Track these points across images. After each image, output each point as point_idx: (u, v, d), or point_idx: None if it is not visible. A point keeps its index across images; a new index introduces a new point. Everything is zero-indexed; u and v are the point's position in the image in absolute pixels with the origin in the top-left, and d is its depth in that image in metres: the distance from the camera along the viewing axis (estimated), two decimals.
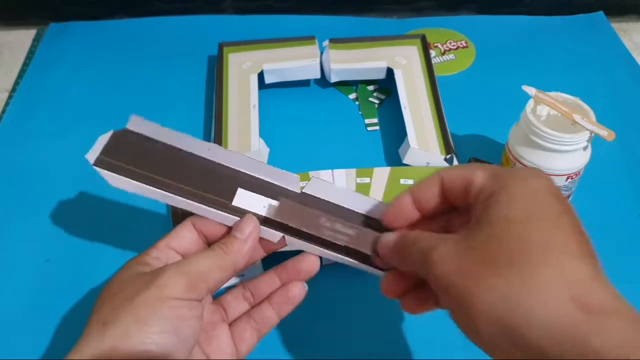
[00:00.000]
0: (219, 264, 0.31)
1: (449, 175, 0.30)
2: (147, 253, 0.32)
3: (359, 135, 0.57)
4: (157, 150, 0.35)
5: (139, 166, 0.34)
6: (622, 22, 0.72)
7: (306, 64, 0.58)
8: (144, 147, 0.35)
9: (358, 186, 0.49)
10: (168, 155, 0.35)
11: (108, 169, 0.33)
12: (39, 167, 0.53)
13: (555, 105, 0.44)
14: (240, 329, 0.34)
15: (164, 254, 0.32)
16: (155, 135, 0.35)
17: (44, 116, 0.58)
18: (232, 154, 0.35)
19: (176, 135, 0.35)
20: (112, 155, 0.34)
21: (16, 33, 0.71)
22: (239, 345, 0.34)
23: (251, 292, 0.35)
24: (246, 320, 0.35)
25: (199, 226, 0.33)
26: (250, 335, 0.34)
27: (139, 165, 0.34)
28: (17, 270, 0.45)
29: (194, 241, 0.33)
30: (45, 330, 0.42)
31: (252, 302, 0.35)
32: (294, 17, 0.71)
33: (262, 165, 0.35)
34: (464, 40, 0.67)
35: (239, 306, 0.35)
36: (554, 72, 0.63)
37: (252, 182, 0.35)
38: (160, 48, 0.67)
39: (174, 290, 0.29)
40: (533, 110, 0.44)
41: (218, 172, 0.35)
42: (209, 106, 0.59)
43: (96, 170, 0.33)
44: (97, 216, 0.48)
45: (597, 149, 0.45)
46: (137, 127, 0.36)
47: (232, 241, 0.32)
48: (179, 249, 0.33)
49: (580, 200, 0.49)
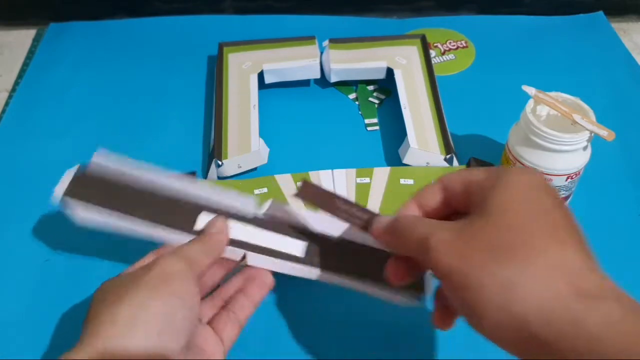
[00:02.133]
0: (205, 250, 0.34)
1: (450, 179, 0.31)
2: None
3: (359, 135, 0.57)
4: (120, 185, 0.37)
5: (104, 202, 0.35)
6: (622, 22, 0.72)
7: (306, 64, 0.58)
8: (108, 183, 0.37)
9: (358, 186, 0.49)
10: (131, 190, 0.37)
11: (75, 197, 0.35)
12: (39, 167, 0.53)
13: (555, 105, 0.44)
14: (221, 322, 0.35)
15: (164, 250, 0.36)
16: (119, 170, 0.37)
17: (44, 116, 0.58)
18: (193, 183, 0.38)
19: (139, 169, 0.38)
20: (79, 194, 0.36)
21: (16, 33, 0.71)
22: (222, 336, 0.35)
23: (221, 298, 0.37)
24: (225, 314, 0.36)
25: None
26: (232, 326, 0.35)
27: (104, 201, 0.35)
28: (17, 270, 0.45)
29: None
30: (45, 330, 0.42)
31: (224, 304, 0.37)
32: (294, 17, 0.71)
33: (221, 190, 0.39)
34: (464, 40, 0.67)
35: (213, 310, 0.37)
36: (554, 72, 0.63)
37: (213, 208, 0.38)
38: (160, 48, 0.67)
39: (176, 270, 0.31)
40: (533, 110, 0.44)
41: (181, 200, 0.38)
42: (209, 106, 0.59)
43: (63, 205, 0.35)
44: None
45: (597, 149, 0.45)
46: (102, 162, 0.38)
47: (211, 234, 0.36)
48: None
49: (580, 200, 0.49)
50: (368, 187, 0.49)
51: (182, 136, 0.56)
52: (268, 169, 0.52)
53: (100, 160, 0.38)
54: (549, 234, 0.25)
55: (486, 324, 0.25)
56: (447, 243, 0.27)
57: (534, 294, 0.24)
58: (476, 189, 0.29)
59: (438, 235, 0.27)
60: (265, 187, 0.49)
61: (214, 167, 0.50)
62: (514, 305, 0.24)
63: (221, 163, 0.50)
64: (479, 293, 0.25)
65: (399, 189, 0.49)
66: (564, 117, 0.43)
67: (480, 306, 0.25)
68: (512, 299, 0.24)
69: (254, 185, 0.49)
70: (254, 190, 0.49)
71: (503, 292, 0.24)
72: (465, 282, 0.25)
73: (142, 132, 0.57)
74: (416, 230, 0.29)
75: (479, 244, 0.26)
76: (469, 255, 0.26)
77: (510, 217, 0.26)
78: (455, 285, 0.26)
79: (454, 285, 0.26)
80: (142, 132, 0.57)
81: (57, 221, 0.49)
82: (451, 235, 0.27)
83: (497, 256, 0.25)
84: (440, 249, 0.27)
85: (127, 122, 0.58)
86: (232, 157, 0.51)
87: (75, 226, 0.48)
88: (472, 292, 0.25)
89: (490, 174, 0.29)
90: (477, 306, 0.25)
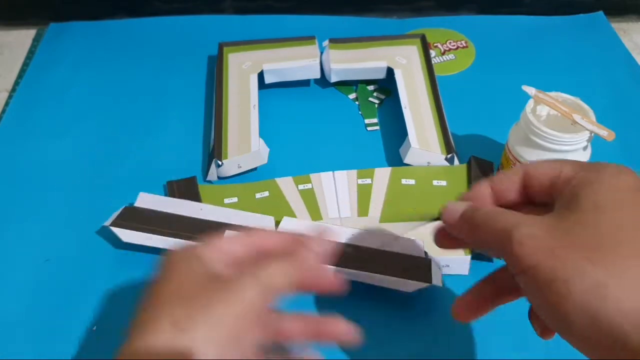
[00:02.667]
0: (290, 279, 0.29)
1: (536, 168, 0.29)
2: (202, 249, 0.29)
3: (359, 135, 0.57)
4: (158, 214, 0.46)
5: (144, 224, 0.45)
6: (622, 22, 0.72)
7: (306, 64, 0.58)
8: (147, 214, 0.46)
9: (359, 187, 0.49)
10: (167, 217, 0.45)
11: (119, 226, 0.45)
12: (39, 167, 0.53)
13: (555, 105, 0.44)
14: None
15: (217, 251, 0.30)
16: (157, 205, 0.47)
17: (44, 116, 0.58)
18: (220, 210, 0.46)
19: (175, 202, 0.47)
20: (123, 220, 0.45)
21: (16, 33, 0.71)
22: None
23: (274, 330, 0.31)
24: None
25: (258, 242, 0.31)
26: None
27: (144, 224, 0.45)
28: (17, 270, 0.45)
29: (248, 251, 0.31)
30: (45, 330, 0.42)
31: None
32: (294, 17, 0.71)
33: (243, 214, 0.46)
34: (464, 40, 0.67)
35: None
36: (554, 72, 0.63)
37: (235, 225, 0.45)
38: (160, 48, 0.67)
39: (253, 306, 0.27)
40: (533, 110, 0.44)
41: (208, 223, 0.45)
42: (209, 106, 0.59)
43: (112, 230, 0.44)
44: (97, 216, 0.48)
45: (597, 149, 0.45)
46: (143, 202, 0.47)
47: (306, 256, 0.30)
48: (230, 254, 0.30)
49: None
50: (370, 188, 0.49)
51: (182, 136, 0.56)
52: (268, 169, 0.52)
53: (143, 199, 0.47)
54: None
55: (572, 324, 0.23)
56: (534, 237, 0.25)
57: (631, 300, 0.22)
58: (566, 184, 0.27)
59: (523, 229, 0.26)
60: (267, 190, 0.49)
61: (214, 167, 0.50)
62: (606, 308, 0.23)
63: (221, 163, 0.50)
64: (566, 290, 0.23)
65: (400, 189, 0.49)
66: (564, 117, 0.43)
67: (564, 304, 0.23)
68: (605, 301, 0.23)
69: (255, 189, 0.49)
70: (255, 194, 0.49)
71: (594, 292, 0.23)
72: (552, 278, 0.24)
73: (142, 132, 0.57)
74: (498, 222, 0.27)
75: (571, 240, 0.24)
76: (559, 251, 0.24)
77: (607, 217, 0.25)
78: (539, 281, 0.24)
79: (538, 281, 0.24)
80: (142, 132, 0.56)
81: (57, 221, 0.49)
82: (539, 230, 0.25)
83: (591, 255, 0.24)
84: (526, 243, 0.25)
85: (127, 122, 0.58)
86: (232, 157, 0.51)
87: (76, 226, 0.48)
88: (558, 289, 0.24)
89: (584, 170, 0.27)
90: (561, 304, 0.24)
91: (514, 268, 0.26)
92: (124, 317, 0.43)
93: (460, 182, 0.50)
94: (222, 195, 0.49)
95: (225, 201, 0.48)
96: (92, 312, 0.42)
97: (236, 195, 0.49)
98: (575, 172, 0.27)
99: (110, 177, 0.52)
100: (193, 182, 0.50)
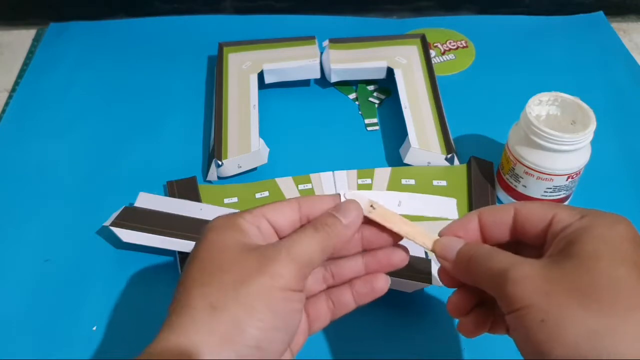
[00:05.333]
0: (322, 247, 0.29)
1: (529, 210, 0.29)
2: (241, 216, 0.29)
3: (359, 135, 0.57)
4: (158, 214, 0.46)
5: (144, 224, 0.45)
6: (622, 22, 0.72)
7: (306, 64, 0.58)
8: (147, 214, 0.46)
9: (360, 187, 0.49)
10: (167, 217, 0.45)
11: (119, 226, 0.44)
12: (39, 167, 0.53)
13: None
14: (316, 308, 0.32)
15: (258, 221, 0.30)
16: (157, 205, 0.47)
17: (44, 116, 0.58)
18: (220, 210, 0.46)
19: (175, 202, 0.47)
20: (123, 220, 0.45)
21: (16, 33, 0.71)
22: (312, 324, 0.32)
23: (332, 274, 0.33)
24: (324, 300, 0.33)
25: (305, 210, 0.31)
26: (325, 316, 0.32)
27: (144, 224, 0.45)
28: (17, 270, 0.45)
29: (292, 222, 0.31)
30: (45, 330, 0.42)
31: (332, 283, 0.33)
32: (294, 17, 0.71)
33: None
34: (464, 40, 0.67)
35: (316, 286, 0.33)
36: (554, 72, 0.63)
37: None
38: (160, 48, 0.67)
39: (288, 281, 0.27)
40: (533, 110, 0.44)
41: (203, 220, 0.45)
42: (209, 106, 0.59)
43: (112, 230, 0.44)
44: (97, 216, 0.48)
45: (597, 149, 0.45)
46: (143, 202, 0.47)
47: (336, 224, 0.30)
48: (274, 222, 0.30)
49: (580, 200, 0.49)
50: (370, 188, 0.49)
51: (182, 136, 0.56)
52: (268, 169, 0.52)
53: (142, 199, 0.47)
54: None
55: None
56: (529, 278, 0.25)
57: (626, 354, 0.22)
58: (561, 229, 0.27)
59: (520, 269, 0.26)
60: (267, 190, 0.49)
61: (214, 167, 0.50)
62: (598, 356, 0.22)
63: (221, 163, 0.50)
64: (557, 333, 0.23)
65: (400, 189, 0.49)
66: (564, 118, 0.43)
67: (553, 346, 0.23)
68: (597, 350, 0.23)
69: (255, 189, 0.49)
70: (255, 194, 0.49)
71: (587, 339, 0.23)
72: (544, 319, 0.24)
73: (142, 132, 0.57)
74: (494, 261, 0.27)
75: (567, 286, 0.24)
76: (554, 294, 0.24)
77: (603, 267, 0.25)
78: (531, 321, 0.25)
79: (529, 320, 0.25)
80: (142, 132, 0.56)
81: (57, 221, 0.49)
82: (535, 272, 0.26)
83: (586, 303, 0.24)
84: (522, 282, 0.25)
85: (127, 122, 0.58)
86: (232, 157, 0.51)
87: (76, 226, 0.48)
88: (549, 330, 0.24)
89: (581, 216, 0.27)
90: (550, 345, 0.24)
91: (506, 307, 0.26)
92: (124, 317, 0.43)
93: (460, 182, 0.50)
94: (222, 195, 0.49)
95: (225, 201, 0.48)
96: (92, 312, 0.42)
97: (236, 195, 0.49)
98: (571, 219, 0.28)
99: (110, 177, 0.52)
100: (193, 182, 0.50)
